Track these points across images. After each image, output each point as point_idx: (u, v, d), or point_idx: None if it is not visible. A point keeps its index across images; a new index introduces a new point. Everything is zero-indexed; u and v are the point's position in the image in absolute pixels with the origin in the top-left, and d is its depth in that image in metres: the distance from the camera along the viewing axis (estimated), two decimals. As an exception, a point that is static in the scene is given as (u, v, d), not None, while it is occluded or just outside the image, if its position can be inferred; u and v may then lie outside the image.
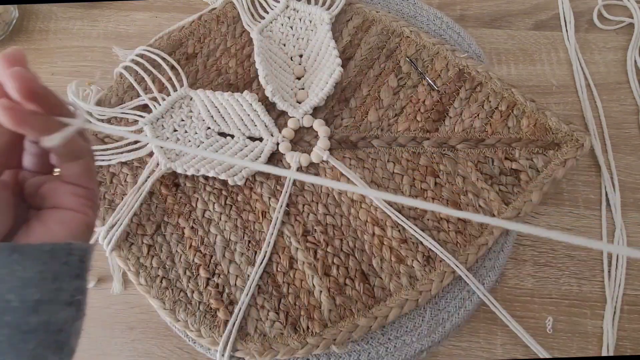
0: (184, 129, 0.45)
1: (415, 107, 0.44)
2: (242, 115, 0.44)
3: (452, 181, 0.41)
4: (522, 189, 0.40)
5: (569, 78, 0.49)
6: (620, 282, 0.40)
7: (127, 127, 0.44)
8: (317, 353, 0.36)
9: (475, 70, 0.45)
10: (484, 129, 0.43)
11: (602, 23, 0.52)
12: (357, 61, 0.47)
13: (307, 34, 0.49)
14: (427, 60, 0.46)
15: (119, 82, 0.47)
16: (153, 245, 0.41)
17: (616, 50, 0.50)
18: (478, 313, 0.40)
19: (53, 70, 0.53)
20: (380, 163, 0.42)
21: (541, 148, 0.41)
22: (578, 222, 0.43)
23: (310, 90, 0.46)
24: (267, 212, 0.41)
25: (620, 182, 0.44)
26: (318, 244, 0.40)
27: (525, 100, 0.42)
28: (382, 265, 0.38)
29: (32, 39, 0.56)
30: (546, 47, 0.51)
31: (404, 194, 0.41)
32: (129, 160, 0.43)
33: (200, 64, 0.48)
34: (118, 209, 0.41)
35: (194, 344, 0.38)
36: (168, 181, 0.43)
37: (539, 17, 0.53)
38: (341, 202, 0.41)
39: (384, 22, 0.48)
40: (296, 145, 0.44)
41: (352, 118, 0.44)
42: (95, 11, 0.57)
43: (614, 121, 0.47)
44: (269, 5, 0.51)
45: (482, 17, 0.53)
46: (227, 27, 0.50)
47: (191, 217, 0.41)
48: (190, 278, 0.39)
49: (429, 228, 0.39)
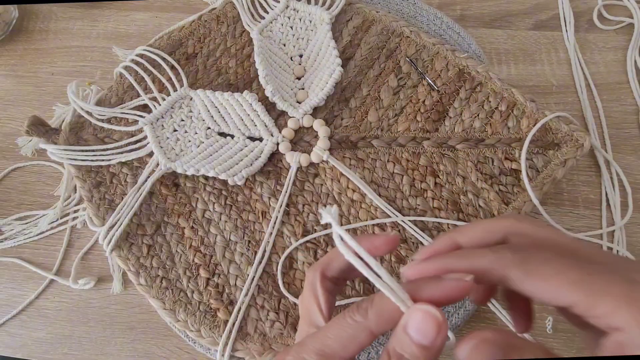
0: (184, 129, 0.45)
1: (415, 107, 0.44)
2: (242, 115, 0.44)
3: (452, 181, 0.41)
4: (522, 189, 0.40)
5: (569, 78, 0.49)
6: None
7: (127, 127, 0.44)
8: (317, 353, 0.36)
9: (475, 70, 0.45)
10: (484, 129, 0.43)
11: (602, 23, 0.52)
12: (357, 61, 0.47)
13: (307, 34, 0.49)
14: (427, 60, 0.46)
15: (119, 82, 0.47)
16: (153, 245, 0.41)
17: (616, 50, 0.50)
18: (478, 313, 0.40)
19: (53, 70, 0.53)
20: (380, 163, 0.42)
21: (541, 148, 0.41)
22: (578, 222, 0.43)
23: (310, 90, 0.46)
24: (267, 212, 0.41)
25: (620, 182, 0.44)
26: (318, 244, 0.40)
27: (525, 100, 0.42)
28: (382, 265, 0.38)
29: (32, 39, 0.56)
30: (546, 47, 0.51)
31: (403, 194, 0.41)
32: (129, 160, 0.43)
33: (200, 64, 0.48)
34: (118, 209, 0.41)
35: (194, 344, 0.38)
36: (168, 181, 0.43)
37: (539, 17, 0.53)
38: (341, 202, 0.41)
39: (384, 22, 0.48)
40: (296, 145, 0.44)
41: (352, 118, 0.45)
42: (95, 11, 0.57)
43: (614, 121, 0.47)
44: (269, 5, 0.51)
45: (482, 17, 0.53)
46: (227, 27, 0.50)
47: (191, 217, 0.41)
48: (190, 278, 0.39)
49: (429, 228, 0.39)
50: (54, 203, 0.46)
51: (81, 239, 0.45)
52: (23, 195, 0.47)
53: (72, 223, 0.45)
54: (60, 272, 0.43)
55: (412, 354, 0.18)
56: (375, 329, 0.19)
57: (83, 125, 0.45)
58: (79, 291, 0.42)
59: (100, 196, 0.42)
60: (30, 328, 0.42)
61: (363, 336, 0.19)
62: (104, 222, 0.41)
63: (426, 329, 0.18)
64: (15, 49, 0.55)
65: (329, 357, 0.19)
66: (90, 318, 0.42)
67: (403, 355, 0.18)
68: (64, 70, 0.53)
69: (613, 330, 0.17)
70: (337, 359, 0.19)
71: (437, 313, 0.18)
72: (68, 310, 0.42)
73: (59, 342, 0.41)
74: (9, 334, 0.41)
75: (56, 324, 0.42)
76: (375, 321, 0.19)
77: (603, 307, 0.17)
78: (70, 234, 0.45)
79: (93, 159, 0.43)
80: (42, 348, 0.41)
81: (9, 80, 0.53)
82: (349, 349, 0.19)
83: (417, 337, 0.18)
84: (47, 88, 0.52)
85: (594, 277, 0.18)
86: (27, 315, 0.42)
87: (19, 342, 0.41)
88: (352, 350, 0.19)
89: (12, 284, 0.43)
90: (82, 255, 0.43)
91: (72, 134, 0.45)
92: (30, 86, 0.53)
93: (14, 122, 0.51)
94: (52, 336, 0.41)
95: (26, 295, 0.43)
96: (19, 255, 0.44)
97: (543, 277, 0.18)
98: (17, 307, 0.42)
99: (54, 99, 0.51)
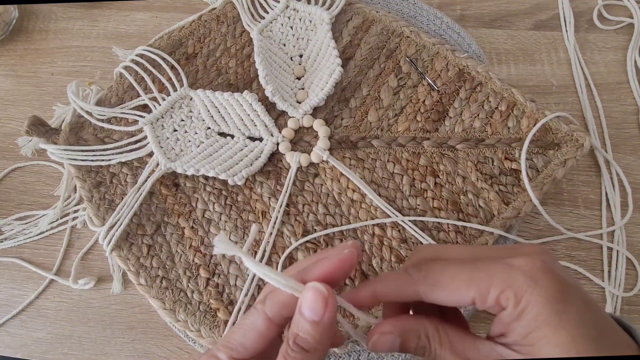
0: (184, 129, 0.45)
1: (415, 107, 0.44)
2: (242, 115, 0.44)
3: (452, 181, 0.41)
4: (522, 189, 0.40)
5: (569, 78, 0.49)
6: (620, 282, 0.40)
7: (127, 127, 0.44)
8: (317, 353, 0.36)
9: (475, 70, 0.45)
10: (484, 129, 0.43)
11: (602, 23, 0.52)
12: (357, 61, 0.47)
13: (307, 34, 0.49)
14: (427, 60, 0.46)
15: (119, 82, 0.47)
16: (153, 245, 0.41)
17: (616, 50, 0.50)
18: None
19: (53, 70, 0.53)
20: (380, 163, 0.42)
21: (541, 148, 0.41)
22: (578, 222, 0.43)
23: (310, 90, 0.46)
24: (267, 212, 0.41)
25: (620, 182, 0.44)
26: (318, 244, 0.40)
27: (525, 100, 0.42)
28: (382, 265, 0.38)
29: (32, 39, 0.56)
30: (546, 47, 0.51)
31: (403, 194, 0.41)
32: (129, 160, 0.43)
33: (200, 64, 0.48)
34: (118, 209, 0.41)
35: (194, 344, 0.38)
36: (168, 181, 0.43)
37: (539, 17, 0.53)
38: (341, 202, 0.41)
39: (384, 22, 0.48)
40: (296, 145, 0.44)
41: (352, 118, 0.45)
42: (95, 11, 0.57)
43: (614, 121, 0.47)
44: (269, 5, 0.51)
45: (482, 17, 0.53)
46: (227, 27, 0.50)
47: (191, 217, 0.41)
48: (190, 278, 0.39)
49: (428, 228, 0.39)
50: (54, 203, 0.46)
51: (81, 239, 0.45)
52: (23, 195, 0.47)
53: (72, 223, 0.45)
54: (60, 272, 0.43)
55: (304, 331, 0.20)
56: (270, 312, 0.21)
57: (83, 125, 0.45)
58: (79, 291, 0.42)
59: (100, 196, 0.42)
60: (30, 328, 0.42)
61: (260, 322, 0.21)
62: (104, 222, 0.41)
63: (315, 305, 0.19)
64: (15, 49, 0.55)
65: (233, 348, 0.21)
66: (90, 318, 0.42)
67: (298, 334, 0.20)
68: (64, 70, 0.53)
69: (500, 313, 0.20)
70: (240, 347, 0.21)
71: (323, 289, 0.20)
72: (68, 310, 0.42)
73: (59, 342, 0.41)
74: (9, 334, 0.41)
75: (56, 324, 0.42)
76: (269, 305, 0.21)
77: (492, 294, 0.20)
78: (70, 234, 0.45)
79: (93, 159, 0.43)
80: (42, 348, 0.41)
81: (9, 80, 0.53)
82: (249, 336, 0.21)
83: (308, 315, 0.19)
84: (47, 88, 0.52)
85: (480, 272, 0.20)
86: (27, 315, 0.42)
87: (19, 342, 0.41)
88: (252, 337, 0.21)
89: (12, 284, 0.43)
90: (82, 255, 0.43)
91: (72, 134, 0.45)
92: (30, 86, 0.53)
93: (14, 122, 0.51)
94: (52, 336, 0.41)
95: (26, 295, 0.43)
96: (19, 255, 0.44)
97: (442, 285, 0.21)
98: (17, 307, 0.42)
99: (54, 99, 0.51)
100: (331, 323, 0.20)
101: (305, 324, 0.20)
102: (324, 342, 0.20)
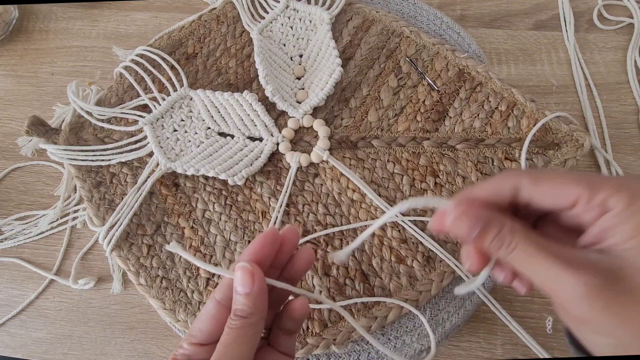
0: (184, 129, 0.45)
1: (415, 107, 0.44)
2: (242, 115, 0.44)
3: (452, 181, 0.41)
4: (522, 189, 0.40)
5: (569, 78, 0.49)
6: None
7: (127, 127, 0.44)
8: (317, 353, 0.36)
9: (475, 70, 0.45)
10: (484, 129, 0.43)
11: (602, 23, 0.52)
12: (357, 61, 0.47)
13: (307, 34, 0.49)
14: (427, 60, 0.46)
15: (119, 82, 0.47)
16: (153, 245, 0.41)
17: (616, 50, 0.50)
18: (478, 313, 0.40)
19: (53, 70, 0.53)
20: (380, 163, 0.42)
21: (541, 148, 0.41)
22: (578, 222, 0.43)
23: (310, 90, 0.46)
24: (267, 212, 0.41)
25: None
26: (318, 244, 0.40)
27: (525, 100, 0.42)
28: (382, 265, 0.38)
29: (32, 39, 0.56)
30: (546, 47, 0.51)
31: (403, 194, 0.41)
32: (129, 160, 0.43)
33: (200, 64, 0.48)
34: (118, 209, 0.41)
35: (194, 344, 0.38)
36: (168, 181, 0.43)
37: (539, 17, 0.53)
38: (341, 202, 0.41)
39: (384, 22, 0.48)
40: (296, 145, 0.44)
41: (352, 118, 0.45)
42: (95, 11, 0.57)
43: (614, 121, 0.47)
44: (269, 5, 0.51)
45: (482, 17, 0.53)
46: (227, 27, 0.50)
47: (191, 217, 0.41)
48: (190, 278, 0.39)
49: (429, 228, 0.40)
50: (54, 203, 0.46)
51: (81, 239, 0.45)
52: (23, 195, 0.47)
53: (72, 223, 0.45)
54: (60, 272, 0.43)
55: (240, 303, 0.23)
56: (218, 296, 0.24)
57: (83, 125, 0.45)
58: (79, 291, 0.42)
59: (100, 196, 0.42)
60: (30, 328, 0.42)
61: (211, 306, 0.24)
62: (104, 222, 0.41)
63: (244, 280, 0.23)
64: (15, 49, 0.55)
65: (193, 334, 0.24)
66: (90, 318, 0.42)
67: (237, 308, 0.23)
68: (64, 70, 0.53)
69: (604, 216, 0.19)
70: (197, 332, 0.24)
71: (248, 265, 0.23)
72: (68, 310, 0.42)
73: (59, 342, 0.41)
74: (9, 334, 0.41)
75: (56, 324, 0.42)
76: (217, 291, 0.24)
77: (602, 194, 0.19)
78: (70, 234, 0.45)
79: (93, 159, 0.43)
80: (42, 348, 0.41)
81: (9, 80, 0.53)
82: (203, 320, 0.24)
83: (240, 289, 0.23)
84: (47, 88, 0.52)
85: (592, 177, 0.20)
86: (27, 315, 0.42)
87: (19, 342, 0.41)
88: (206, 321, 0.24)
89: (12, 284, 0.43)
90: (82, 255, 0.43)
91: (72, 134, 0.45)
92: (30, 86, 0.53)
93: (14, 122, 0.51)
94: (52, 336, 0.41)
95: (26, 295, 0.43)
96: (19, 255, 0.44)
97: (549, 178, 0.21)
98: (17, 307, 0.42)
99: (54, 99, 0.51)
100: (260, 292, 0.23)
101: (240, 298, 0.23)
102: (258, 307, 0.23)
